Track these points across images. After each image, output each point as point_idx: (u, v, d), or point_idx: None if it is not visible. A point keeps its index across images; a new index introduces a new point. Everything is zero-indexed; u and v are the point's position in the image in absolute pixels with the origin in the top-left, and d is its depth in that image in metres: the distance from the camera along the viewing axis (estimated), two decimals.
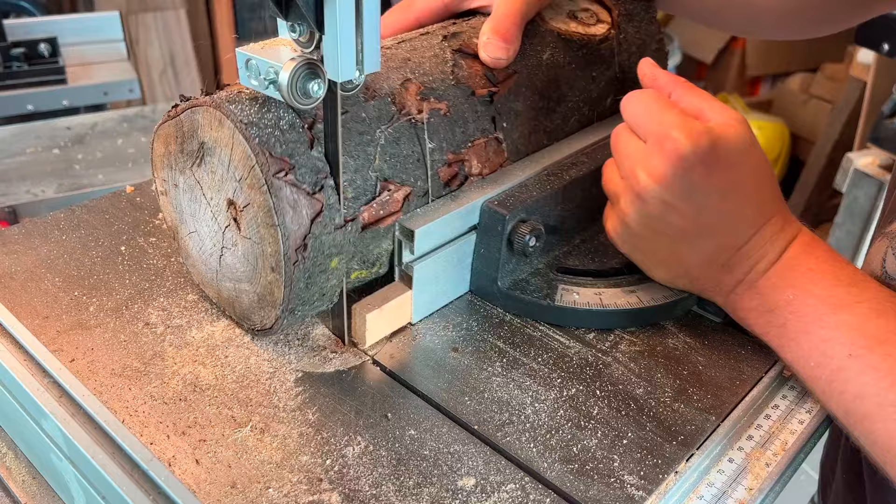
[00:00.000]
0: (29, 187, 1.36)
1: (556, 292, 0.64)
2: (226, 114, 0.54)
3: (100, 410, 0.54)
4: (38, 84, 1.59)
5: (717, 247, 0.58)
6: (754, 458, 0.55)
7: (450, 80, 0.64)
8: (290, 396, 0.57)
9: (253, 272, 0.58)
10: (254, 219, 0.55)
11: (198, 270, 0.65)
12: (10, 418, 0.62)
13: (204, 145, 0.57)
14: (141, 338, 0.61)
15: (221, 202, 0.58)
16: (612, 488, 0.51)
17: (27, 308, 0.63)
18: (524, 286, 0.65)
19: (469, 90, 0.64)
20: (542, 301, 0.63)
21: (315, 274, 0.56)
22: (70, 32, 1.72)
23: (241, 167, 0.54)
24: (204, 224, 0.61)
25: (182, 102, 0.58)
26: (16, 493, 0.60)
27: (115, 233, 0.74)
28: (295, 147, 0.54)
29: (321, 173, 0.55)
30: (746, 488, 0.53)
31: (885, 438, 0.51)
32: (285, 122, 0.54)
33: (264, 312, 0.58)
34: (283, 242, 0.53)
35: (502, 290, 0.64)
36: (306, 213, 0.54)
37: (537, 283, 0.65)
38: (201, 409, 0.55)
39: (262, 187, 0.53)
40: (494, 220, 0.62)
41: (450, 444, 0.54)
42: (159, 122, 0.61)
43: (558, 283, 0.65)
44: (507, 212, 0.62)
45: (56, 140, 1.50)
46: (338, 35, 0.50)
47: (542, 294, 0.64)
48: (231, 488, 0.49)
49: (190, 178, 0.60)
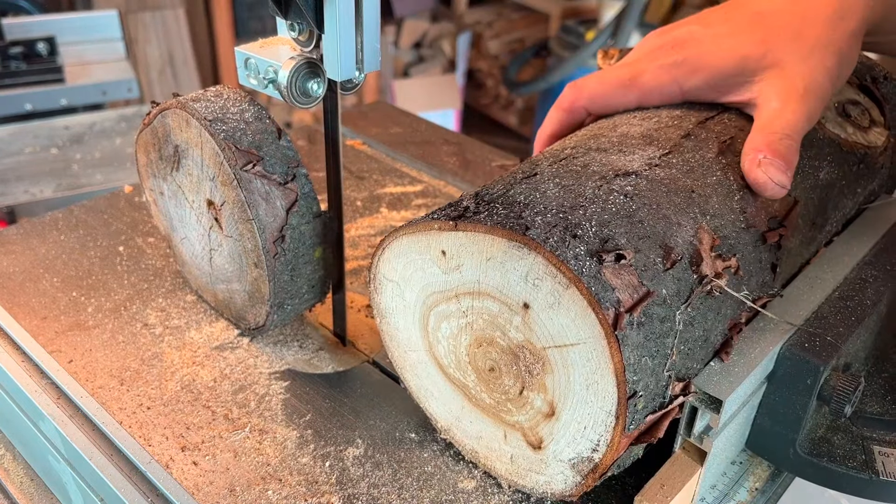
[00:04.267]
0: (27, 187, 1.35)
1: (874, 459, 0.50)
2: (191, 113, 0.54)
3: (98, 412, 0.53)
4: (36, 83, 1.58)
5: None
6: (756, 459, 0.55)
7: (740, 223, 0.49)
8: (289, 398, 0.56)
9: (240, 270, 0.57)
10: (231, 216, 0.55)
11: (193, 276, 0.65)
12: (7, 420, 0.62)
13: (178, 148, 0.57)
14: (139, 339, 0.61)
15: (202, 204, 0.58)
16: (612, 490, 0.50)
17: (25, 309, 0.63)
18: (829, 450, 0.51)
19: (758, 234, 0.50)
20: (862, 474, 0.50)
21: (299, 266, 0.55)
22: (68, 32, 1.71)
23: (212, 165, 0.54)
24: (191, 228, 0.61)
25: (153, 109, 0.58)
26: (14, 494, 0.59)
27: (114, 233, 0.74)
28: (262, 138, 0.54)
29: (292, 162, 0.54)
30: (748, 489, 0.53)
31: None
32: (250, 115, 0.54)
33: (256, 310, 0.58)
34: (259, 236, 0.53)
35: (801, 454, 0.51)
36: (280, 204, 0.53)
37: (842, 444, 0.52)
38: (200, 410, 0.55)
39: (233, 182, 0.53)
40: (802, 371, 0.48)
41: (450, 447, 0.53)
42: (137, 131, 0.61)
43: (871, 443, 0.51)
44: (819, 360, 0.48)
45: (54, 140, 1.50)
46: (338, 34, 0.49)
47: (856, 463, 0.50)
48: (229, 491, 0.49)
49: (172, 184, 0.60)
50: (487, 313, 0.45)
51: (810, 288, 0.54)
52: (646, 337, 0.41)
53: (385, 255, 0.50)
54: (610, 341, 0.40)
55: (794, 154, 0.50)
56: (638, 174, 0.48)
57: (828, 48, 0.53)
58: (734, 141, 0.53)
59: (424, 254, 0.47)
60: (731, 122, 0.55)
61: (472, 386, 0.49)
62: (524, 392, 0.46)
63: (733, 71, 0.53)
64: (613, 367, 0.40)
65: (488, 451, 0.51)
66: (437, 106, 3.13)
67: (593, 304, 0.40)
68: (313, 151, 0.91)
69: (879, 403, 0.54)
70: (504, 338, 0.45)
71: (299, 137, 0.95)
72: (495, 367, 0.47)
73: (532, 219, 0.43)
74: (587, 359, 0.41)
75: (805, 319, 0.51)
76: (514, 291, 0.43)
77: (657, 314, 0.42)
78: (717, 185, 0.50)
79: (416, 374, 0.54)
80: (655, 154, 0.50)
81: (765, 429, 0.52)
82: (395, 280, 0.51)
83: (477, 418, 0.50)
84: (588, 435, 0.43)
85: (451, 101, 3.17)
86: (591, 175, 0.47)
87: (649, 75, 0.56)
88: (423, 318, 0.50)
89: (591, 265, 0.40)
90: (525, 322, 0.43)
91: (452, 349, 0.49)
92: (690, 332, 0.44)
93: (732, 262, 0.47)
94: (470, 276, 0.45)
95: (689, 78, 0.55)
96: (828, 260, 0.57)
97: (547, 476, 0.47)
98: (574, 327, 0.41)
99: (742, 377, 0.46)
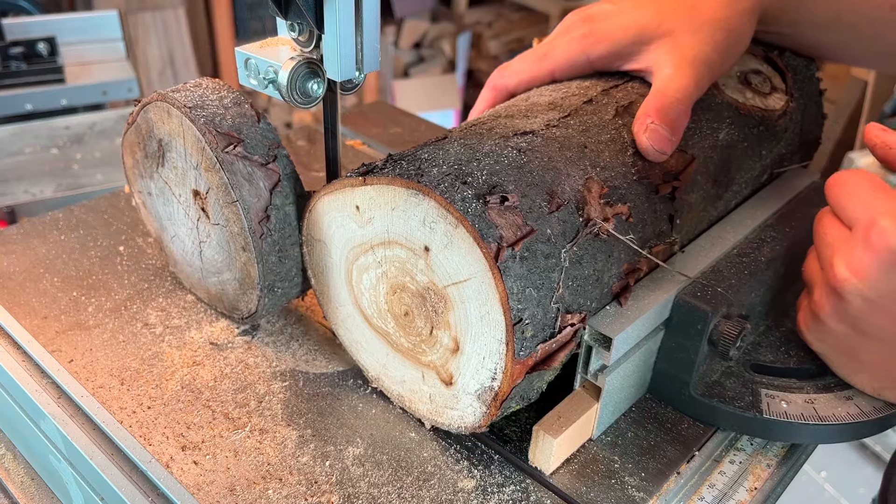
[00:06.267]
0: (27, 187, 1.35)
1: (761, 401, 0.54)
2: (171, 102, 0.55)
3: (98, 411, 0.54)
4: (36, 83, 1.58)
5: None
6: (755, 460, 0.55)
7: (632, 175, 0.54)
8: (289, 397, 0.56)
9: (229, 258, 0.58)
10: (216, 201, 0.56)
11: (186, 274, 0.65)
12: (8, 419, 0.62)
13: (161, 142, 0.58)
14: (140, 338, 0.61)
15: (188, 195, 0.59)
16: (612, 490, 0.51)
17: (25, 308, 0.63)
18: (720, 392, 0.55)
19: (652, 186, 0.55)
20: (748, 413, 0.53)
21: (287, 247, 0.56)
22: (69, 32, 1.71)
23: (194, 152, 0.55)
24: (180, 224, 0.62)
25: (136, 106, 0.59)
26: (14, 494, 0.60)
27: (114, 233, 0.74)
28: (241, 122, 0.55)
29: (272, 144, 0.55)
30: (747, 489, 0.53)
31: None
32: (229, 101, 0.56)
33: (247, 297, 0.59)
34: (245, 217, 0.54)
35: (695, 396, 0.55)
36: (264, 184, 0.54)
37: (734, 387, 0.55)
38: (200, 409, 0.55)
39: (215, 166, 0.54)
40: (693, 318, 0.52)
41: (450, 446, 0.54)
42: (123, 132, 0.62)
43: (759, 387, 0.55)
44: (708, 307, 0.52)
45: (54, 140, 1.50)
46: (337, 34, 0.49)
47: (744, 403, 0.54)
48: (229, 490, 0.49)
49: (159, 181, 0.61)
50: (398, 260, 0.50)
51: (711, 245, 0.60)
52: (529, 270, 0.46)
53: (311, 217, 0.55)
54: (494, 273, 0.44)
55: (682, 118, 0.55)
56: (535, 133, 0.53)
57: (718, 23, 0.58)
58: (632, 105, 0.58)
59: (342, 211, 0.52)
60: (633, 90, 0.60)
61: (393, 332, 0.54)
62: (433, 331, 0.50)
63: (632, 39, 0.59)
64: (499, 297, 0.45)
65: (412, 394, 0.55)
66: (437, 106, 3.13)
67: (478, 240, 0.44)
68: (313, 151, 0.91)
69: (773, 354, 0.58)
70: (413, 282, 0.50)
71: (299, 137, 0.95)
72: (409, 311, 0.51)
73: (429, 170, 0.47)
74: (478, 291, 0.46)
75: (701, 272, 0.56)
76: (415, 236, 0.48)
77: (541, 250, 0.47)
78: (610, 141, 0.55)
79: (347, 329, 0.58)
80: (555, 117, 0.56)
81: (663, 373, 0.56)
82: (321, 239, 0.55)
83: (399, 363, 0.54)
84: (487, 364, 0.48)
85: (451, 102, 3.17)
86: (493, 136, 0.52)
87: (560, 48, 0.62)
88: (347, 273, 0.55)
89: (476, 206, 0.45)
90: (427, 264, 0.48)
91: (373, 299, 0.54)
92: (579, 270, 0.49)
93: (623, 209, 0.52)
94: (380, 226, 0.50)
95: (594, 47, 0.60)
96: (732, 222, 0.63)
97: (460, 410, 0.51)
98: (465, 263, 0.46)
99: (633, 319, 0.51)
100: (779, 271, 0.60)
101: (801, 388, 0.55)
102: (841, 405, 0.54)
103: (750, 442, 0.56)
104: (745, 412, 0.53)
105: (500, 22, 3.37)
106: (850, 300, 0.48)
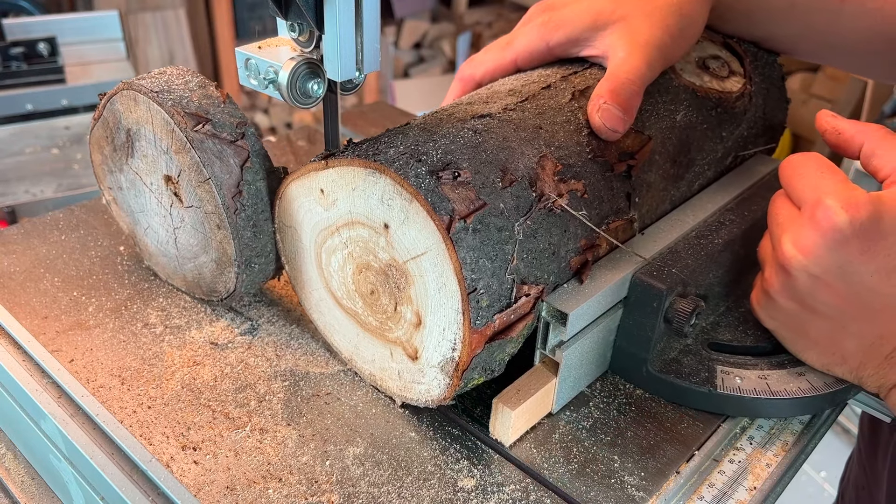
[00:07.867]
0: (28, 187, 1.36)
1: (716, 376, 0.56)
2: (137, 90, 0.56)
3: (99, 411, 0.54)
4: (36, 84, 1.58)
5: (880, 335, 0.51)
6: (755, 459, 0.55)
7: (586, 154, 0.56)
8: (289, 397, 0.57)
9: (204, 239, 0.59)
10: (189, 182, 0.57)
11: (162, 265, 0.66)
12: (9, 419, 0.62)
13: (130, 132, 0.59)
14: (140, 338, 0.61)
15: (160, 182, 0.59)
16: (612, 489, 0.51)
17: (26, 308, 0.63)
18: (677, 368, 0.57)
19: (607, 165, 0.57)
20: (702, 388, 0.55)
21: (260, 222, 0.57)
22: (69, 32, 1.71)
23: (164, 136, 0.56)
24: (153, 214, 0.62)
25: (101, 100, 0.60)
26: (15, 493, 0.60)
27: (114, 233, 0.74)
28: (208, 103, 0.56)
29: (240, 121, 0.56)
30: (747, 489, 0.53)
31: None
32: (194, 84, 0.57)
33: (225, 276, 0.60)
34: (218, 193, 0.55)
35: (653, 373, 0.57)
36: (234, 161, 0.55)
37: (691, 364, 0.57)
38: (200, 409, 0.55)
39: (186, 146, 0.55)
40: (648, 296, 0.54)
41: (450, 445, 0.54)
42: (89, 130, 0.63)
43: (715, 364, 0.57)
44: (663, 286, 0.54)
45: (55, 140, 1.50)
46: (338, 34, 0.50)
47: (699, 379, 0.56)
48: (230, 490, 0.49)
49: (129, 173, 0.62)
50: (361, 240, 0.52)
51: (671, 227, 0.62)
52: (482, 241, 0.47)
53: (281, 204, 0.57)
54: (448, 244, 0.46)
55: (634, 98, 0.56)
56: (492, 116, 0.55)
57: (670, 8, 0.61)
58: (588, 89, 0.60)
59: (309, 195, 0.54)
60: (591, 76, 0.62)
61: (361, 312, 0.55)
62: (398, 307, 0.52)
63: (588, 25, 0.61)
64: (453, 267, 0.46)
65: (382, 372, 0.56)
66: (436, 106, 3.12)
67: (431, 214, 0.46)
68: (313, 151, 0.91)
69: (731, 333, 0.60)
70: (376, 260, 0.51)
71: (299, 137, 0.95)
72: (375, 290, 0.53)
73: (386, 151, 0.49)
74: (434, 263, 0.48)
75: (658, 252, 0.58)
76: (375, 214, 0.50)
77: (494, 223, 0.48)
78: (565, 123, 0.57)
79: (320, 312, 0.59)
80: (513, 101, 0.57)
81: (622, 350, 0.58)
82: (291, 225, 0.57)
83: (369, 342, 0.56)
84: (447, 336, 0.49)
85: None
86: (452, 120, 0.54)
87: (522, 37, 0.64)
88: (317, 257, 0.56)
89: (429, 181, 0.47)
90: (388, 241, 0.50)
91: (342, 281, 0.55)
92: (533, 243, 0.50)
93: (578, 186, 0.54)
94: (344, 207, 0.52)
95: (552, 34, 0.63)
96: (692, 206, 0.65)
97: (426, 384, 0.53)
98: (422, 237, 0.47)
99: (589, 296, 0.53)
100: (737, 253, 0.62)
101: (755, 364, 0.57)
102: (793, 381, 0.55)
103: (750, 441, 0.56)
104: (699, 387, 0.55)
105: (500, 22, 3.37)
106: (797, 277, 0.50)
